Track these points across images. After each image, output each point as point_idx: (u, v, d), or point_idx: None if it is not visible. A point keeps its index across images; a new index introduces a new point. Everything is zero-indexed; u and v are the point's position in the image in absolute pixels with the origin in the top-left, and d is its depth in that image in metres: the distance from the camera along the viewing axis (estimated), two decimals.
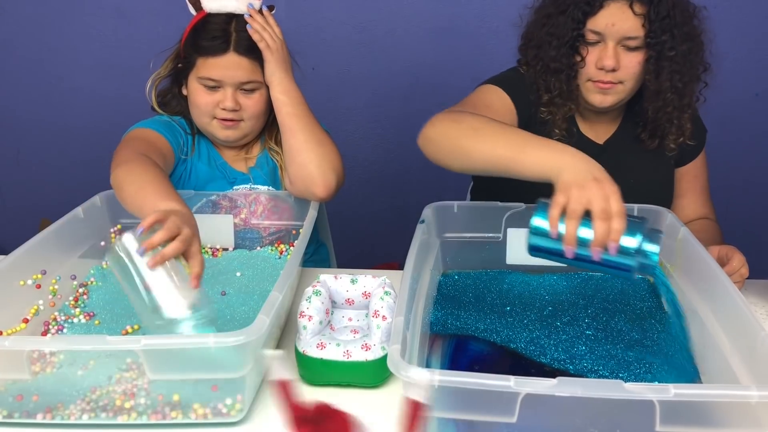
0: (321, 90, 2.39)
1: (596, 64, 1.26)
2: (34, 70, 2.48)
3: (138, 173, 1.17)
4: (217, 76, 1.33)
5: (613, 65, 1.25)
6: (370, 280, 1.08)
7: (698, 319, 0.99)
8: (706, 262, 1.01)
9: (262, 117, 1.42)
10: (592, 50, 1.27)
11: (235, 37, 1.33)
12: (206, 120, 1.38)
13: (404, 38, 2.33)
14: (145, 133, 1.36)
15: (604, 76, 1.27)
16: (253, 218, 1.38)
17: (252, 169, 1.46)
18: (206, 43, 1.33)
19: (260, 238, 1.39)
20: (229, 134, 1.39)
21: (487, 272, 1.25)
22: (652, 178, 1.41)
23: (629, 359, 0.97)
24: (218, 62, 1.33)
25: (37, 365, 0.87)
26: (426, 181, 2.49)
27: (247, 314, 1.12)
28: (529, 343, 1.02)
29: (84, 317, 1.12)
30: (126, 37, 2.37)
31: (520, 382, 0.73)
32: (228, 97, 1.34)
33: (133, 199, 1.13)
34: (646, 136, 1.38)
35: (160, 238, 0.93)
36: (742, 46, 2.23)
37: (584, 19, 1.26)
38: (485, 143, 1.07)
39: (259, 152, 1.47)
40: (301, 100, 1.35)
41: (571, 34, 1.27)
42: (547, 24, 1.31)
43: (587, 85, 1.30)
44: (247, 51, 1.33)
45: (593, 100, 1.31)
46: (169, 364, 0.86)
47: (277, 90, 1.34)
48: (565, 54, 1.29)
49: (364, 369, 0.96)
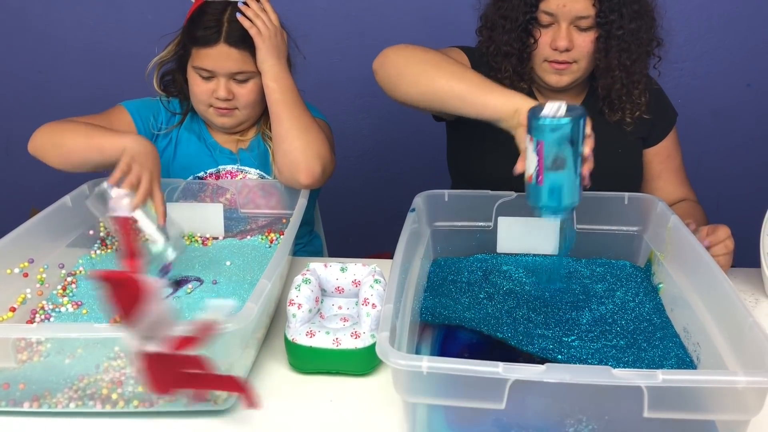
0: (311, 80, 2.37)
1: (550, 45, 1.29)
2: (22, 59, 2.46)
3: (79, 127, 1.28)
4: (209, 66, 1.35)
5: (567, 45, 1.27)
6: (360, 268, 1.08)
7: (688, 307, 1.00)
8: (696, 251, 1.01)
9: (258, 106, 1.42)
10: (545, 32, 1.29)
11: (227, 27, 1.33)
12: (203, 108, 1.41)
13: (396, 27, 2.31)
14: (115, 112, 1.42)
15: (559, 56, 1.29)
16: (241, 200, 1.38)
17: (241, 150, 1.46)
18: (199, 33, 1.34)
19: (247, 220, 1.38)
20: (225, 121, 1.41)
21: (476, 257, 1.24)
22: (618, 152, 1.41)
23: (619, 348, 0.98)
24: (209, 53, 1.34)
25: (24, 353, 0.87)
26: (417, 171, 2.48)
27: (237, 303, 1.12)
28: (516, 332, 1.01)
29: (72, 306, 1.11)
30: (115, 25, 2.35)
31: (509, 369, 0.73)
32: (221, 86, 1.36)
33: (87, 143, 1.24)
34: (606, 109, 1.39)
35: (135, 202, 1.11)
36: (735, 36, 2.23)
37: (537, 2, 1.28)
38: (443, 77, 1.16)
39: (253, 136, 1.48)
40: (290, 87, 1.35)
41: (524, 17, 1.29)
42: (501, 7, 1.32)
43: (543, 65, 1.32)
44: (238, 41, 1.33)
45: (549, 80, 1.33)
46: None
47: (267, 77, 1.34)
48: (517, 37, 1.31)
49: (353, 357, 0.95)
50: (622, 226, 1.22)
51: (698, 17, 2.21)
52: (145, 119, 1.43)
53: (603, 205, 1.22)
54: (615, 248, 1.23)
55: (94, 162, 1.25)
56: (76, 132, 1.27)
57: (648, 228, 1.20)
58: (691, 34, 2.23)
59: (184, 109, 1.48)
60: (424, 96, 1.21)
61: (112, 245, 1.33)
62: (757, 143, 2.33)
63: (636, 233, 1.21)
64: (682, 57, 2.25)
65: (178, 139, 1.47)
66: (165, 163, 1.44)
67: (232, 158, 1.46)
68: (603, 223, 1.22)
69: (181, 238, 1.19)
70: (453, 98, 1.16)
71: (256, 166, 1.46)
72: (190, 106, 1.48)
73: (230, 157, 1.46)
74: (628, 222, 1.22)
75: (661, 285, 1.12)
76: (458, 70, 1.18)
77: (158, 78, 1.46)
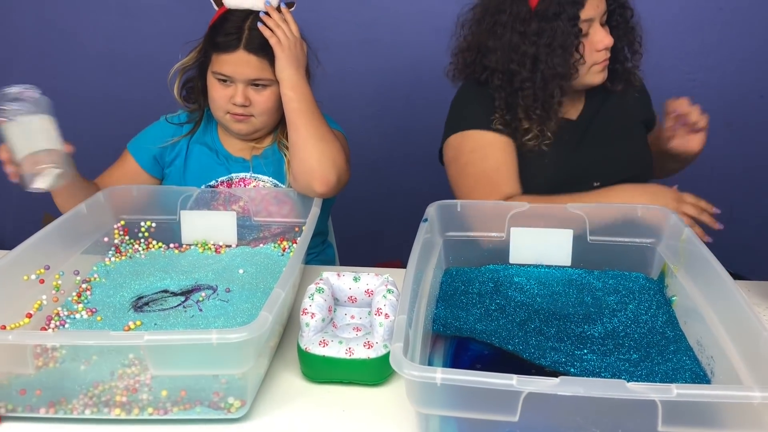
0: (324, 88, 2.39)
1: (596, 47, 1.35)
2: (38, 64, 2.48)
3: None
4: (227, 72, 1.36)
5: (610, 41, 1.36)
6: (373, 278, 1.08)
7: (701, 320, 0.99)
8: (710, 263, 1.01)
9: (274, 113, 1.43)
10: (584, 41, 1.35)
11: (247, 34, 1.35)
12: (221, 114, 1.42)
13: (408, 37, 2.32)
14: (123, 160, 1.51)
15: (605, 54, 1.37)
16: (254, 208, 1.39)
17: (255, 157, 1.48)
18: (220, 39, 1.36)
19: (260, 228, 1.39)
20: (241, 128, 1.43)
21: (488, 268, 1.24)
22: (627, 142, 1.50)
23: (633, 361, 0.97)
24: (229, 59, 1.35)
25: (39, 360, 0.87)
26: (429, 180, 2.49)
27: (250, 311, 1.12)
28: (528, 345, 1.01)
29: (86, 313, 1.12)
30: (130, 31, 2.37)
31: (523, 381, 0.73)
32: (239, 92, 1.37)
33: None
34: (612, 82, 1.47)
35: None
36: (747, 48, 2.22)
37: (578, 14, 1.32)
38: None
39: (269, 145, 1.50)
40: (308, 96, 1.36)
41: (575, 39, 1.33)
42: (542, 36, 1.33)
43: (592, 69, 1.39)
44: (258, 49, 1.35)
45: (596, 79, 1.41)
46: (173, 359, 0.86)
47: (285, 86, 1.35)
48: (567, 56, 1.35)
49: (366, 367, 0.96)
50: (635, 238, 1.22)
51: (711, 29, 2.21)
52: (148, 150, 1.48)
53: (616, 216, 1.22)
54: (628, 260, 1.22)
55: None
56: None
57: (661, 240, 1.20)
58: (704, 46, 2.23)
59: (194, 120, 1.50)
60: None
61: (126, 252, 1.34)
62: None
63: (649, 245, 1.21)
64: (696, 68, 2.25)
65: (189, 150, 1.49)
66: (176, 173, 1.47)
67: (245, 166, 1.47)
68: (616, 235, 1.22)
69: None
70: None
71: (270, 173, 1.47)
72: (201, 116, 1.49)
73: (243, 164, 1.47)
74: (642, 234, 1.21)
75: (674, 297, 1.12)
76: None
77: (179, 85, 1.48)
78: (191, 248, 1.37)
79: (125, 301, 1.17)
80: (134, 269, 1.28)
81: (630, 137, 1.51)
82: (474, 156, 1.41)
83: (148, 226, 1.37)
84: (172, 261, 1.32)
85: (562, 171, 1.42)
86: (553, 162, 1.41)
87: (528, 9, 1.35)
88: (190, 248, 1.37)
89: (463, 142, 1.43)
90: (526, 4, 1.35)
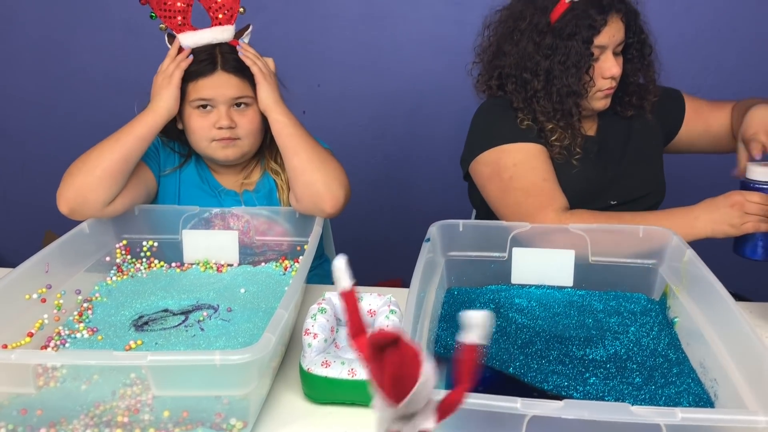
0: (326, 106, 2.41)
1: (603, 74, 1.38)
2: (40, 83, 2.50)
3: (100, 143, 1.31)
4: (208, 95, 1.35)
5: (619, 71, 1.38)
6: (376, 298, 1.08)
7: (704, 342, 0.99)
8: (712, 285, 1.01)
9: (259, 135, 1.42)
10: (596, 65, 1.38)
11: (221, 57, 1.35)
12: (205, 144, 1.39)
13: (408, 57, 2.34)
14: (138, 167, 1.40)
15: (611, 83, 1.39)
16: (255, 228, 1.39)
17: (246, 191, 1.47)
18: (193, 67, 1.35)
19: (262, 247, 1.39)
20: (229, 153, 1.39)
21: (489, 288, 1.24)
22: (642, 162, 1.52)
23: (636, 385, 0.97)
24: (207, 82, 1.35)
25: (41, 379, 0.87)
26: (430, 199, 2.49)
27: (252, 331, 1.12)
28: (530, 369, 1.00)
29: (87, 332, 1.12)
30: (133, 51, 2.39)
31: (527, 404, 0.73)
32: (222, 115, 1.36)
33: (118, 142, 1.29)
34: (622, 108, 1.50)
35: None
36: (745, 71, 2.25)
37: (591, 40, 1.35)
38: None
39: (259, 178, 1.49)
40: (297, 120, 1.36)
41: (587, 60, 1.35)
42: (557, 53, 1.36)
43: (596, 95, 1.40)
44: (236, 69, 1.35)
45: (598, 105, 1.43)
46: (175, 380, 0.86)
47: (275, 112, 1.34)
48: (580, 77, 1.37)
49: (368, 388, 0.95)
50: (637, 259, 1.22)
51: (710, 52, 2.23)
52: (155, 159, 1.45)
53: (618, 237, 1.22)
54: (630, 281, 1.22)
55: (138, 152, 1.30)
56: (101, 145, 1.30)
57: (663, 261, 1.20)
58: (701, 68, 2.25)
59: (185, 152, 1.48)
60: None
61: (127, 271, 1.34)
62: None
63: (651, 266, 1.21)
64: (694, 90, 2.25)
65: (181, 180, 1.47)
66: (171, 202, 1.46)
67: (236, 200, 1.46)
68: (618, 256, 1.22)
69: None
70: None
71: (263, 204, 1.46)
72: (190, 152, 1.47)
73: (235, 198, 1.47)
74: (643, 255, 1.22)
75: (676, 319, 1.12)
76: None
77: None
78: (193, 267, 1.37)
79: (126, 321, 1.17)
80: (136, 288, 1.28)
81: (645, 157, 1.52)
82: (519, 169, 1.38)
83: (150, 245, 1.38)
84: (174, 280, 1.32)
85: (586, 186, 1.43)
86: (580, 176, 1.42)
87: (547, 22, 1.37)
88: (191, 267, 1.37)
89: (501, 156, 1.41)
90: (546, 16, 1.37)
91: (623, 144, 1.51)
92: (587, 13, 1.33)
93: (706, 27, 2.21)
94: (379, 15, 2.30)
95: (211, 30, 1.35)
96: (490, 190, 1.44)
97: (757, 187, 1.27)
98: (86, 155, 1.29)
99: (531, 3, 1.40)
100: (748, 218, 1.25)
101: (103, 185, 1.27)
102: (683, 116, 1.57)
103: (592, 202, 1.41)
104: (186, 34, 1.35)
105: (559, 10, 1.36)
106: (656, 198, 1.52)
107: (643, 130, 1.53)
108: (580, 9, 1.34)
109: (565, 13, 1.35)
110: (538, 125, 1.42)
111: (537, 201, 1.34)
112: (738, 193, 1.27)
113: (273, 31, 2.30)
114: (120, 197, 1.31)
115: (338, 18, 2.31)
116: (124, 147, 1.29)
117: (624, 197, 1.46)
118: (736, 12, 2.20)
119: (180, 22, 1.34)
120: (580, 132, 1.42)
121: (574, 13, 1.34)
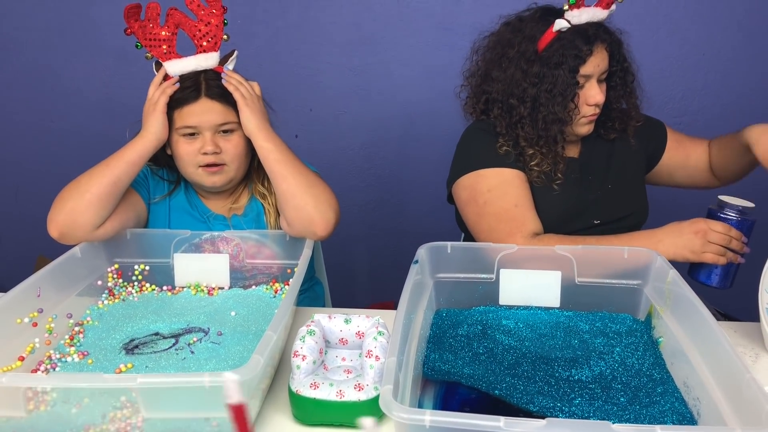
0: (317, 131, 2.43)
1: (587, 102, 1.41)
2: (35, 109, 2.52)
3: (91, 169, 1.33)
4: (193, 122, 1.37)
5: (602, 98, 1.42)
6: (364, 320, 1.09)
7: (687, 361, 1.01)
8: (694, 305, 1.03)
9: (245, 159, 1.44)
10: (579, 92, 1.41)
11: (205, 84, 1.38)
12: (191, 170, 1.42)
13: (400, 81, 2.37)
14: (127, 193, 1.42)
15: (594, 110, 1.43)
16: (246, 251, 1.40)
17: (234, 216, 1.49)
18: (178, 95, 1.37)
19: (252, 270, 1.40)
20: (215, 180, 1.42)
21: (477, 310, 1.26)
22: (625, 184, 1.55)
23: (621, 405, 0.98)
24: (192, 109, 1.37)
25: (31, 403, 0.88)
26: (422, 221, 2.51)
27: (242, 354, 1.13)
28: (516, 390, 1.01)
29: (78, 356, 1.12)
30: (126, 77, 2.42)
31: (510, 423, 0.74)
32: (207, 141, 1.38)
33: (108, 168, 1.31)
34: (605, 132, 1.55)
35: None
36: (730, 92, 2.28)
37: (577, 69, 1.38)
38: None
39: (247, 202, 1.51)
40: (284, 145, 1.37)
41: (573, 89, 1.39)
42: (544, 81, 1.39)
43: (581, 120, 1.44)
44: (219, 96, 1.37)
45: (583, 131, 1.47)
46: (165, 402, 0.87)
47: (260, 138, 1.35)
48: (566, 104, 1.40)
49: (357, 409, 0.96)
50: (623, 280, 1.24)
51: (695, 75, 2.27)
52: (144, 185, 1.47)
53: (603, 258, 1.24)
54: (616, 301, 1.24)
55: (127, 177, 1.32)
56: (92, 170, 1.32)
57: (648, 282, 1.22)
58: (687, 91, 2.29)
59: (173, 179, 1.50)
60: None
61: (119, 295, 1.35)
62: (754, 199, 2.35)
63: (636, 287, 1.23)
64: (680, 112, 2.30)
65: (171, 207, 1.49)
66: (162, 227, 1.47)
67: (225, 225, 1.48)
68: (603, 277, 1.24)
69: None
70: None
71: (251, 228, 1.48)
72: (179, 178, 1.50)
73: (223, 223, 1.49)
74: (629, 275, 1.24)
75: (661, 339, 1.14)
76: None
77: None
78: (184, 290, 1.38)
79: (117, 344, 1.17)
80: (127, 312, 1.29)
81: (628, 178, 1.55)
82: (492, 195, 1.41)
83: (142, 269, 1.39)
84: (165, 303, 1.33)
85: (568, 207, 1.46)
86: (561, 198, 1.45)
87: (535, 50, 1.41)
88: (182, 290, 1.38)
89: (478, 180, 1.44)
90: (534, 45, 1.41)
91: (606, 165, 1.54)
92: (573, 43, 1.37)
93: (690, 52, 2.25)
94: (370, 40, 2.33)
95: (195, 57, 1.38)
96: (467, 214, 1.47)
97: (721, 216, 1.32)
98: (77, 180, 1.31)
99: (519, 31, 1.43)
100: (709, 247, 1.29)
101: (92, 208, 1.28)
102: (665, 145, 1.61)
103: (574, 221, 1.44)
104: (171, 62, 1.37)
105: (547, 39, 1.39)
106: (639, 218, 1.54)
107: (626, 152, 1.56)
108: (567, 39, 1.37)
109: (552, 42, 1.39)
110: (518, 150, 1.45)
111: (507, 227, 1.37)
112: (703, 221, 1.30)
113: (265, 57, 2.34)
114: (109, 221, 1.32)
115: (330, 43, 2.34)
116: (114, 172, 1.31)
117: (607, 217, 1.49)
118: (719, 36, 2.24)
119: (165, 51, 1.37)
120: (562, 158, 1.45)
121: (561, 43, 1.38)
